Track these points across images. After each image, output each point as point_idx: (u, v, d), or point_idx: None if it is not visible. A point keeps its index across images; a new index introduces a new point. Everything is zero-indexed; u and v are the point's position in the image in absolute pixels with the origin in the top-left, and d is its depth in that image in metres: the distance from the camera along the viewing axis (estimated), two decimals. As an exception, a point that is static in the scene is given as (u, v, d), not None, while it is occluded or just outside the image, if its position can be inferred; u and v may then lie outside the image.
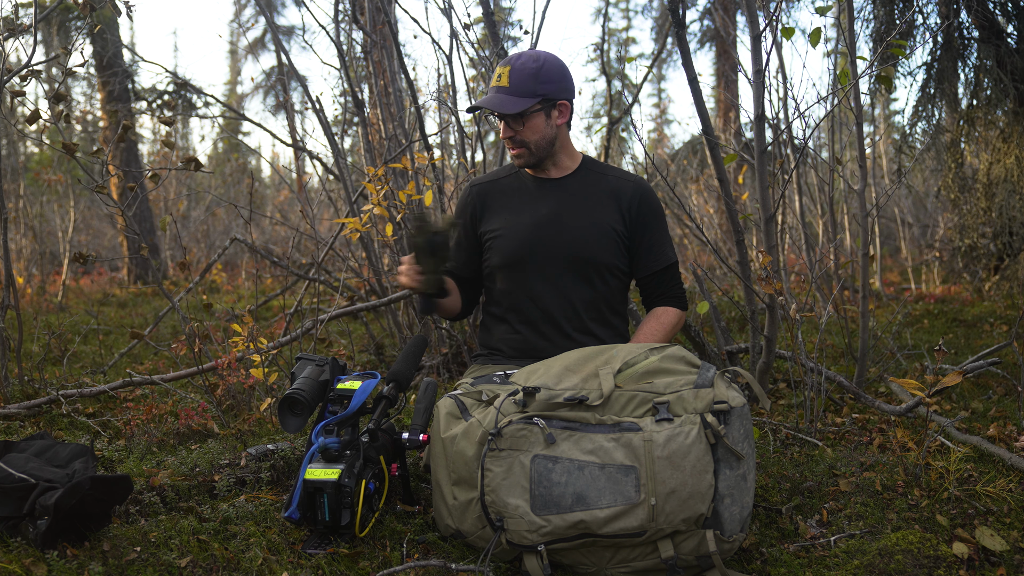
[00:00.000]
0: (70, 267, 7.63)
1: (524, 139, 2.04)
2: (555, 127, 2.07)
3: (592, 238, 2.06)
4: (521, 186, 2.17)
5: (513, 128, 2.04)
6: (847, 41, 2.67)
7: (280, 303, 5.56)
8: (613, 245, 2.08)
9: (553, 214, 2.09)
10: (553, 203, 2.11)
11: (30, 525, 1.57)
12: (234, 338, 2.86)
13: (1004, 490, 1.87)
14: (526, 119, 2.02)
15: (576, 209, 2.09)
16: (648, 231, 2.11)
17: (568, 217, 2.08)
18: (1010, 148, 4.76)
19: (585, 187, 2.13)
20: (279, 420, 1.71)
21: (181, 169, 3.00)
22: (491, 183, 2.22)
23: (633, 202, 2.10)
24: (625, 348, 1.74)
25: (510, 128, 2.04)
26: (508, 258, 2.09)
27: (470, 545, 1.63)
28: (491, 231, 2.14)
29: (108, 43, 8.50)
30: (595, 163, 2.20)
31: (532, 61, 2.02)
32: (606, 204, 2.10)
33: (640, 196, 2.11)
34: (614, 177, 2.16)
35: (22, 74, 2.77)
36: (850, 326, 3.64)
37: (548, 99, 2.02)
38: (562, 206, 2.10)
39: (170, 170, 4.95)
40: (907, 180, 7.50)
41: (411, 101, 3.61)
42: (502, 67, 2.02)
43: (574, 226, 2.07)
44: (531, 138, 2.04)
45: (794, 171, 3.78)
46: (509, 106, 1.99)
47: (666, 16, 9.74)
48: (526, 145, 2.05)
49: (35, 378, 3.09)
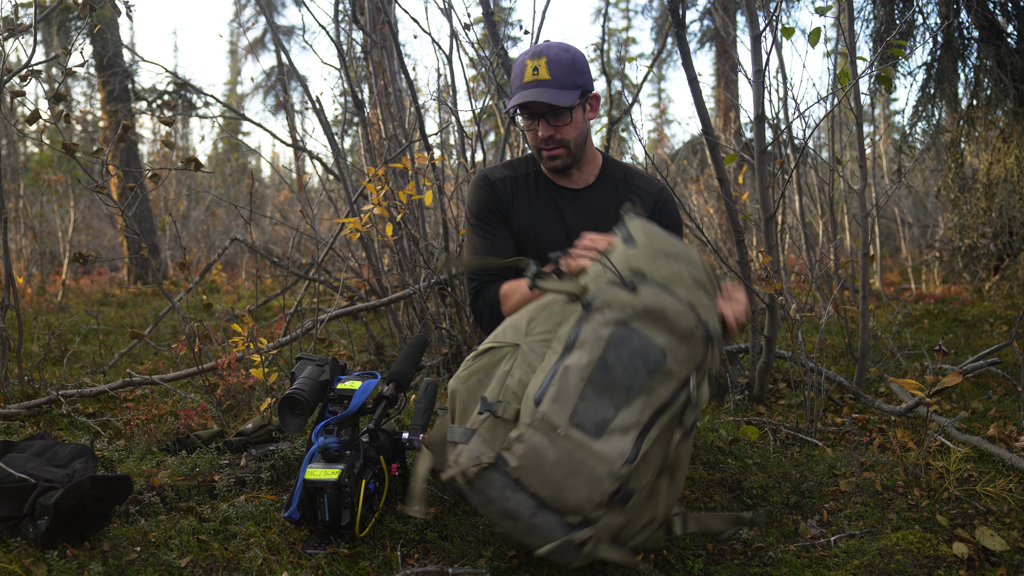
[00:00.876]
0: (70, 267, 7.62)
1: (564, 137, 1.87)
2: (588, 122, 1.93)
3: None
4: (540, 189, 2.01)
5: (553, 126, 1.85)
6: (847, 41, 2.67)
7: (280, 303, 5.56)
8: None
9: (572, 228, 1.95)
10: (573, 216, 1.98)
11: (30, 525, 1.57)
12: (234, 338, 2.86)
13: (1004, 490, 1.87)
14: (567, 116, 1.85)
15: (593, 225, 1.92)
16: None
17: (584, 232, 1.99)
18: (1010, 148, 4.76)
19: (605, 199, 2.00)
20: (279, 420, 1.71)
21: (181, 169, 3.00)
22: (511, 179, 2.03)
23: (654, 212, 2.00)
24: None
25: (550, 127, 1.85)
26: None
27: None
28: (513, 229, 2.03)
29: (108, 43, 8.50)
30: (616, 166, 2.06)
31: (564, 51, 1.85)
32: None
33: (661, 205, 2.01)
34: (636, 185, 2.04)
35: (22, 74, 2.76)
36: (850, 326, 3.64)
37: (584, 91, 1.87)
38: (581, 220, 1.97)
39: (170, 170, 4.95)
40: (907, 180, 7.50)
41: (411, 101, 3.61)
42: (535, 59, 1.83)
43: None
44: (571, 136, 1.88)
45: (794, 171, 3.78)
46: (561, 98, 1.80)
47: (666, 16, 9.73)
48: (565, 145, 1.88)
49: (35, 378, 3.08)
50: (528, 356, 1.46)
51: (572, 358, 1.38)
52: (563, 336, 1.43)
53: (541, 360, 1.45)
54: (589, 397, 1.36)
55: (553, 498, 1.35)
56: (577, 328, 1.41)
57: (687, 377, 1.39)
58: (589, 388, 1.36)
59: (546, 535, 1.35)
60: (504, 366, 1.48)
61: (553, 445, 1.35)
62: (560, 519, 1.35)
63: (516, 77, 1.89)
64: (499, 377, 1.47)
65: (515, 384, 1.44)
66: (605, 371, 1.36)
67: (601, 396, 1.36)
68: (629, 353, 1.37)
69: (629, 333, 1.38)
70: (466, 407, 1.48)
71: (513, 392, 1.43)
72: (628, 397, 1.36)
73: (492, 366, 1.50)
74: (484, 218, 2.00)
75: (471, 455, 1.40)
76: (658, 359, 1.37)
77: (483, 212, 2.00)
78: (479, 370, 1.51)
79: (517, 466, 1.36)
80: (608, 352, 1.37)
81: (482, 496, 1.40)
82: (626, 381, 1.36)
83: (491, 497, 1.38)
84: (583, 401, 1.35)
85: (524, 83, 1.85)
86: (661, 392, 1.37)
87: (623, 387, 1.36)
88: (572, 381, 1.36)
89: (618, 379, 1.36)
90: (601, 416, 1.35)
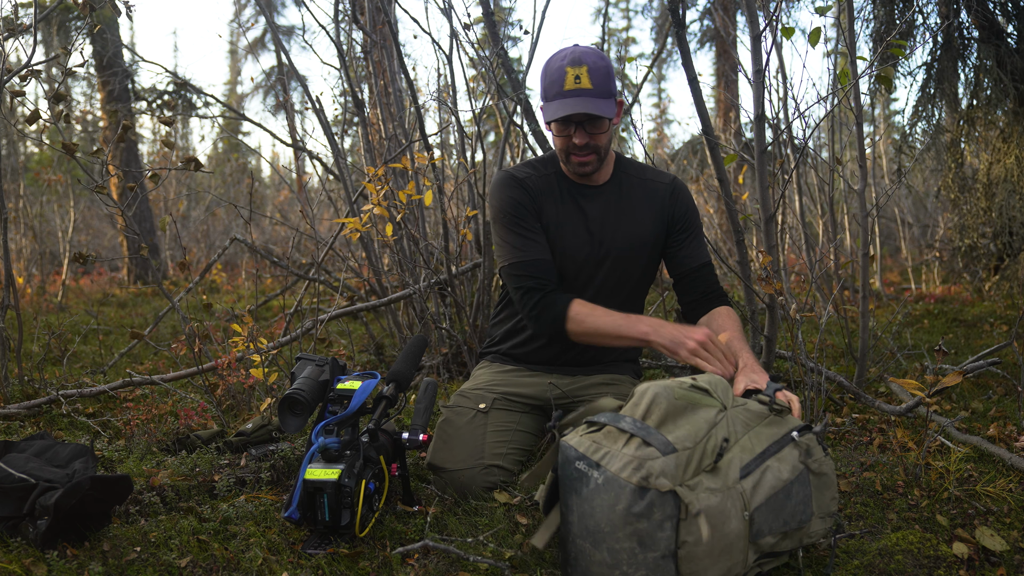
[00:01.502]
0: (70, 267, 7.62)
1: (598, 144, 1.91)
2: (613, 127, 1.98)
3: (626, 252, 2.04)
4: (562, 190, 2.05)
5: (590, 133, 1.88)
6: (847, 41, 2.67)
7: (280, 303, 5.56)
8: (647, 257, 2.07)
9: (591, 225, 2.03)
10: (595, 212, 2.03)
11: (30, 525, 1.57)
12: (234, 338, 2.86)
13: (1004, 490, 1.87)
14: (604, 125, 1.88)
15: (613, 220, 2.04)
16: (686, 231, 2.09)
17: (604, 229, 2.03)
18: (1010, 148, 4.76)
19: (622, 194, 2.06)
20: (279, 420, 1.71)
21: (181, 169, 3.00)
22: (538, 178, 2.05)
23: (670, 204, 2.06)
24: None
25: (587, 134, 1.88)
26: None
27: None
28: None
29: (108, 43, 8.50)
30: (628, 164, 2.12)
31: (600, 59, 1.87)
32: (644, 213, 2.06)
33: (676, 196, 2.07)
34: (649, 180, 2.10)
35: (22, 74, 2.76)
36: (850, 326, 3.64)
37: (615, 98, 1.92)
38: (600, 216, 2.03)
39: (170, 170, 4.95)
40: (907, 180, 7.49)
41: (411, 101, 3.61)
42: (575, 67, 1.84)
43: (611, 238, 2.03)
44: (603, 142, 1.92)
45: (794, 171, 3.78)
46: (605, 109, 1.84)
47: (666, 16, 9.73)
48: (598, 151, 1.92)
49: (35, 378, 3.08)
50: (733, 425, 1.44)
51: (773, 462, 1.41)
52: (765, 437, 1.45)
53: (739, 439, 1.44)
54: (769, 505, 1.39)
55: (689, 559, 1.31)
56: (782, 443, 1.44)
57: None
58: (776, 498, 1.39)
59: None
60: (707, 414, 1.43)
61: (732, 521, 1.33)
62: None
63: (554, 83, 1.88)
64: (703, 422, 1.41)
65: (714, 444, 1.39)
66: (787, 497, 1.41)
67: (772, 512, 1.39)
68: (800, 497, 1.43)
69: (806, 477, 1.45)
70: (665, 417, 1.40)
71: (711, 449, 1.38)
72: (782, 529, 1.41)
73: (697, 406, 1.44)
74: (520, 215, 2.00)
75: (665, 468, 1.31)
76: (805, 518, 1.44)
77: (518, 209, 2.00)
78: (689, 399, 1.44)
79: (696, 512, 1.29)
80: (795, 485, 1.42)
81: (622, 509, 1.31)
82: (790, 518, 1.42)
83: (637, 515, 1.30)
84: (765, 504, 1.38)
85: (565, 91, 1.85)
86: (784, 544, 1.45)
87: (784, 520, 1.41)
88: (768, 482, 1.39)
89: (787, 512, 1.41)
90: (767, 527, 1.39)
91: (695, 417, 1.41)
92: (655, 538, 1.30)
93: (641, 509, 1.30)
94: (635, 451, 1.34)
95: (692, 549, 1.30)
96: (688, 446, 1.35)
